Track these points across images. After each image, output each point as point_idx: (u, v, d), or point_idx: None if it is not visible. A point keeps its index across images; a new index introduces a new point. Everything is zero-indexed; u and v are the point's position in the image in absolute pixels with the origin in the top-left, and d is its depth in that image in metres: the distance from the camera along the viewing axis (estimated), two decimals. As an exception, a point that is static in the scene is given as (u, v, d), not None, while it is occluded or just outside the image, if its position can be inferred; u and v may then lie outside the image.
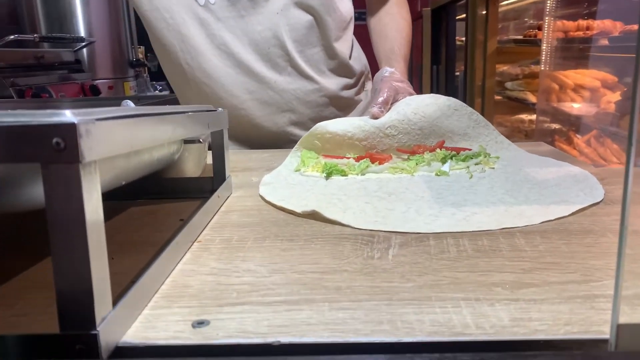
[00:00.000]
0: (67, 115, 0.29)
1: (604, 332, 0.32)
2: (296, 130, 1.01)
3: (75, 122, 0.28)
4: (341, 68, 1.02)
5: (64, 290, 0.29)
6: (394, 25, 1.01)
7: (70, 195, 0.28)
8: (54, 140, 0.28)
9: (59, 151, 0.28)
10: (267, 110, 0.98)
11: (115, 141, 0.33)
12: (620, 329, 0.27)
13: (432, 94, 0.85)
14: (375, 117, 0.82)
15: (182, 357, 0.32)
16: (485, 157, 0.77)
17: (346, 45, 1.02)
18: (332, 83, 1.01)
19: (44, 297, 0.38)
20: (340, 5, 0.99)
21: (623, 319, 0.29)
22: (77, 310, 0.29)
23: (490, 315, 0.34)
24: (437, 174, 0.72)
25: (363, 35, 1.09)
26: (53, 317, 0.30)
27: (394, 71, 0.92)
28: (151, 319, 0.35)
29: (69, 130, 0.28)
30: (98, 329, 0.30)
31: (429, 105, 0.82)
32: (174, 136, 0.43)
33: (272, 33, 0.94)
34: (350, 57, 1.03)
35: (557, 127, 2.18)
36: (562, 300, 0.36)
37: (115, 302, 0.33)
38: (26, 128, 0.28)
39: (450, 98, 0.84)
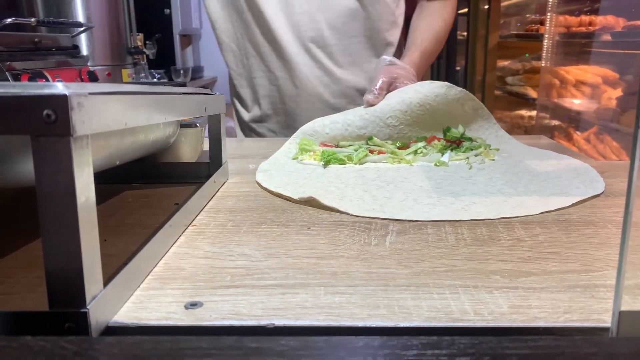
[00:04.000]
0: (59, 88, 0.28)
1: (604, 320, 0.31)
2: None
3: (67, 94, 0.27)
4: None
5: (54, 267, 0.28)
6: (428, 21, 1.00)
7: (60, 169, 0.28)
8: (45, 112, 0.27)
9: (50, 123, 0.27)
10: (295, 92, 0.99)
11: (108, 116, 0.32)
12: (622, 316, 0.27)
13: (445, 83, 0.82)
14: (369, 104, 0.80)
15: (173, 337, 0.31)
16: (485, 148, 0.77)
17: (395, 37, 1.01)
18: (365, 76, 1.01)
19: (35, 276, 0.37)
20: None
21: (624, 308, 0.28)
22: (67, 287, 0.29)
23: (489, 302, 0.33)
24: (436, 165, 0.71)
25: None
26: (43, 295, 0.29)
27: (393, 59, 0.91)
28: (143, 299, 0.35)
29: (61, 102, 0.27)
30: (88, 307, 0.29)
31: (439, 97, 0.80)
32: (170, 116, 0.42)
33: (310, 17, 0.94)
34: (397, 52, 1.03)
35: (556, 123, 2.17)
36: (562, 289, 0.35)
37: (107, 282, 0.32)
38: (16, 99, 0.27)
39: (462, 90, 0.82)
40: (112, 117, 0.32)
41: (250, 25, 0.97)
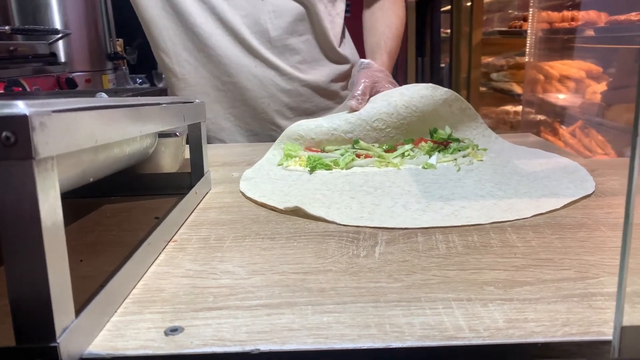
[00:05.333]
0: (19, 107, 0.26)
1: (604, 333, 0.30)
2: (278, 118, 0.99)
3: (27, 114, 0.25)
4: (329, 59, 1.00)
5: (19, 299, 0.27)
6: (384, 20, 0.99)
7: (23, 194, 0.26)
8: (4, 134, 0.25)
9: (9, 146, 0.25)
10: (247, 95, 0.96)
11: (76, 135, 0.30)
12: (623, 332, 0.25)
13: (430, 85, 0.81)
14: (353, 110, 0.79)
15: (152, 368, 0.29)
16: (473, 149, 0.75)
17: (337, 36, 1.01)
18: (317, 74, 0.99)
19: (3, 304, 0.35)
20: None
21: (624, 320, 0.27)
22: (35, 321, 0.27)
23: (484, 317, 0.32)
24: (424, 167, 0.70)
25: (356, 34, 1.07)
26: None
27: (370, 62, 0.90)
28: (120, 326, 0.33)
29: (20, 123, 0.25)
30: (58, 340, 0.27)
31: (424, 98, 0.79)
32: (146, 129, 0.40)
33: (254, 20, 0.92)
34: (339, 47, 1.02)
35: (542, 118, 2.18)
36: (558, 299, 0.34)
37: (81, 309, 0.30)
38: (-28, 121, 0.25)
39: (448, 91, 0.81)
40: (81, 135, 0.30)
41: (182, 31, 0.93)
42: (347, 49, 1.05)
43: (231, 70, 0.94)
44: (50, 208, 0.27)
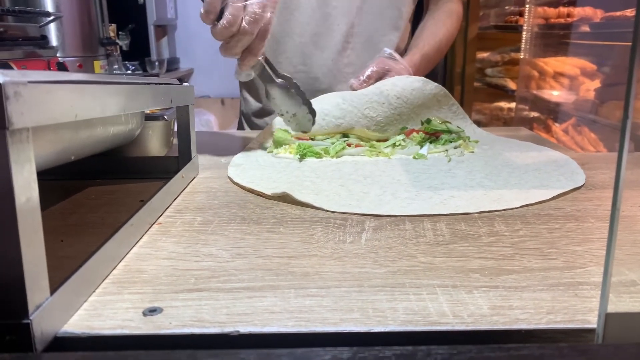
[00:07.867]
0: (-7, 75, 0.25)
1: (589, 321, 0.30)
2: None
3: (1, 82, 0.24)
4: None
5: (-9, 274, 0.26)
6: (432, 29, 1.00)
7: (-5, 166, 0.25)
8: (-24, 102, 0.24)
9: (-19, 115, 0.24)
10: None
11: (54, 107, 0.29)
12: (608, 319, 0.25)
13: (421, 78, 0.82)
14: (352, 88, 0.80)
15: (128, 348, 0.29)
16: (465, 141, 0.75)
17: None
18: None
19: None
20: None
21: (609, 308, 0.26)
22: (7, 297, 0.26)
23: (469, 303, 0.32)
24: (415, 157, 0.70)
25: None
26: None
27: (393, 53, 0.89)
28: (98, 306, 0.32)
29: (-6, 92, 0.24)
30: (31, 317, 0.26)
31: (415, 91, 0.79)
32: (129, 108, 0.39)
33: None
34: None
35: (535, 114, 2.18)
36: (544, 287, 0.34)
37: (57, 287, 0.29)
38: (-57, 88, 0.24)
39: (439, 86, 0.82)
40: (59, 108, 0.30)
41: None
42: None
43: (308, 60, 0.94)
44: (25, 182, 0.26)
